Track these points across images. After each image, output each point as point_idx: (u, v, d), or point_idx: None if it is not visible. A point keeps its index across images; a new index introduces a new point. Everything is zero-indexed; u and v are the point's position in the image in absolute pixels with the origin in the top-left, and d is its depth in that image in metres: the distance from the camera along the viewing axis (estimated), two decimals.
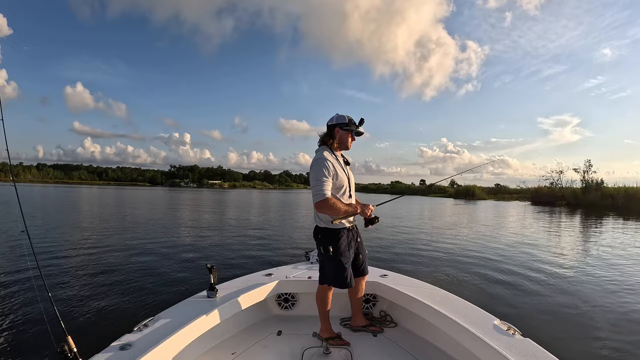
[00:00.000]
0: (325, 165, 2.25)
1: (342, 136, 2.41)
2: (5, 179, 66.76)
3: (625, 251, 9.71)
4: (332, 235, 2.34)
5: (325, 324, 2.44)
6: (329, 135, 2.42)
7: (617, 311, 4.81)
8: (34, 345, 3.40)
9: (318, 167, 2.26)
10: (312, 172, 2.28)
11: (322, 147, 2.42)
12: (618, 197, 36.64)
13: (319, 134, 2.48)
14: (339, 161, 2.39)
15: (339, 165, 2.34)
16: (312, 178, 2.26)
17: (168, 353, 1.83)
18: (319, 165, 2.26)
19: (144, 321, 2.01)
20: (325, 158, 2.29)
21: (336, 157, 2.38)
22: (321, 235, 2.37)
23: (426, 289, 2.66)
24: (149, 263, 6.94)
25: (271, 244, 9.65)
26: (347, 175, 2.40)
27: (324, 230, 2.36)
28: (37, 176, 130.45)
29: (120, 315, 4.25)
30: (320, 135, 2.47)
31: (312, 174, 2.28)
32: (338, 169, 2.31)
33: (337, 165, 2.32)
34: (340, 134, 2.40)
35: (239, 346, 2.37)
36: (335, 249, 2.32)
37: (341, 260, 2.33)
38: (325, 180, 2.23)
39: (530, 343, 1.79)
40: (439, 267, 7.34)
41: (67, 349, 1.69)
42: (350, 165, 2.50)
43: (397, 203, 27.98)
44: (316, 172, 2.25)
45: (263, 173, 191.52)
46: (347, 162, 2.48)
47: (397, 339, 2.49)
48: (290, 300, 2.94)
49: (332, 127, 2.41)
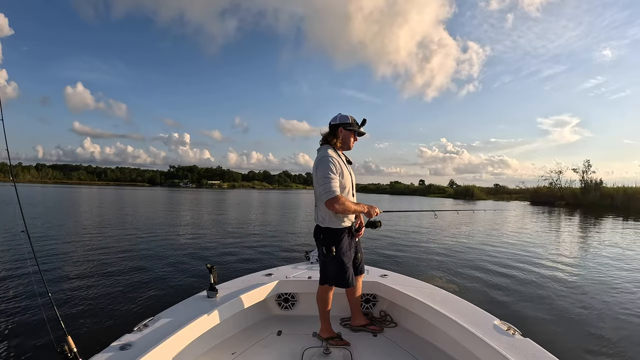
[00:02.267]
0: (332, 162, 2.24)
1: (345, 136, 2.41)
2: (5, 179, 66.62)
3: (624, 251, 9.72)
4: (335, 235, 2.33)
5: (325, 324, 2.44)
6: (332, 135, 2.41)
7: (617, 311, 4.81)
8: (34, 345, 3.39)
9: (325, 165, 2.24)
10: (320, 170, 2.26)
11: (325, 145, 2.41)
12: (617, 197, 36.71)
13: (322, 133, 2.47)
14: (343, 160, 2.39)
15: (343, 165, 2.35)
16: (320, 176, 2.24)
17: (168, 353, 1.83)
18: (326, 163, 2.24)
19: (144, 321, 2.01)
20: (331, 156, 2.28)
21: (339, 156, 2.39)
22: (323, 236, 2.36)
23: (426, 289, 2.66)
24: (148, 263, 6.93)
25: (271, 244, 9.65)
26: (350, 175, 2.41)
27: (326, 230, 2.34)
28: (36, 176, 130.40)
29: (120, 315, 4.25)
30: (322, 134, 2.47)
31: (319, 171, 2.26)
32: (343, 168, 2.32)
33: (342, 164, 2.33)
34: (344, 133, 2.40)
35: (239, 346, 2.37)
36: (337, 249, 2.32)
37: (343, 260, 2.33)
38: (333, 177, 2.22)
39: (530, 343, 1.79)
40: (439, 267, 7.34)
41: (67, 349, 1.69)
42: (351, 165, 2.50)
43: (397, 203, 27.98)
44: (324, 170, 2.23)
45: (262, 173, 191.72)
46: (349, 161, 2.49)
47: (397, 339, 2.49)
48: (290, 300, 2.94)
49: (335, 126, 2.40)
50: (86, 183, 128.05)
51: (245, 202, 34.75)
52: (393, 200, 49.44)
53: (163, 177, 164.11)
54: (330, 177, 2.20)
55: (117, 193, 48.65)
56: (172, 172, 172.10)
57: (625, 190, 38.00)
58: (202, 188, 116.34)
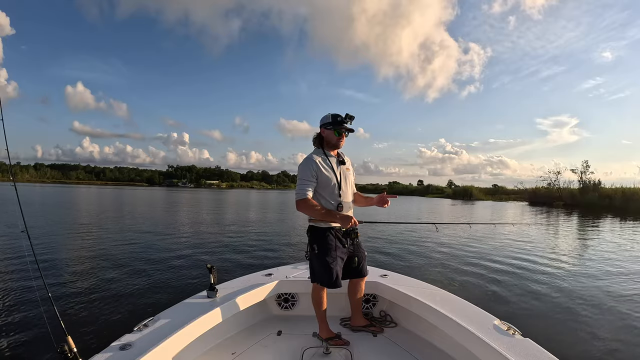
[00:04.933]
0: (308, 166, 2.33)
1: (327, 136, 2.43)
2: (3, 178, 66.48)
3: (624, 251, 9.75)
4: (318, 233, 2.37)
5: (323, 324, 2.42)
6: (319, 136, 2.48)
7: (617, 311, 4.82)
8: (34, 345, 3.38)
9: (301, 168, 2.36)
10: (298, 172, 2.39)
11: (316, 148, 2.48)
12: (615, 198, 36.75)
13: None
14: (328, 161, 2.40)
15: (327, 165, 2.37)
16: (297, 177, 2.38)
17: (168, 353, 1.83)
18: (303, 166, 2.36)
19: (144, 321, 2.01)
20: (311, 159, 2.37)
21: (327, 157, 2.41)
22: (309, 233, 2.43)
23: (426, 289, 2.67)
24: (148, 263, 6.92)
25: (271, 244, 9.64)
26: (339, 175, 2.40)
27: (311, 227, 2.41)
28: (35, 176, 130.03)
29: (120, 315, 4.24)
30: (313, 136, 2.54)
31: (298, 173, 2.40)
32: (323, 169, 2.35)
33: (324, 165, 2.36)
34: (326, 133, 2.43)
35: (239, 346, 2.37)
36: (320, 247, 2.34)
37: (326, 259, 2.31)
38: (306, 180, 2.30)
39: (530, 343, 1.79)
40: (439, 267, 7.35)
41: (67, 349, 1.69)
42: (346, 165, 2.49)
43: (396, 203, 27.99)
44: (299, 173, 2.36)
45: (261, 173, 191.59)
46: (342, 161, 2.48)
47: (397, 339, 2.49)
48: (290, 300, 2.94)
49: (320, 128, 2.47)
50: (84, 183, 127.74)
51: (245, 202, 34.72)
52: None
53: (161, 177, 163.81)
54: (303, 180, 2.31)
55: (116, 193, 48.52)
56: (170, 172, 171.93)
57: (624, 190, 38.04)
58: (200, 188, 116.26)
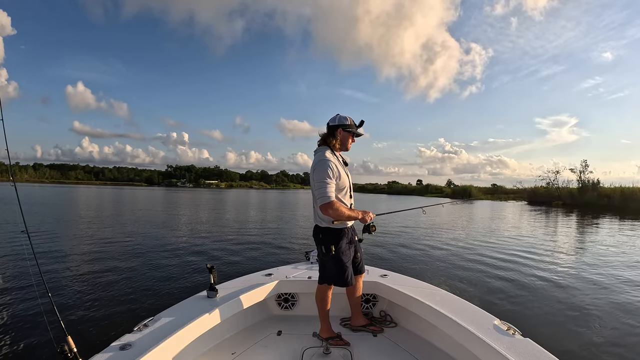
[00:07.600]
0: (329, 167, 2.24)
1: (344, 137, 2.41)
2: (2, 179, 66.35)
3: (623, 251, 9.76)
4: (334, 234, 2.35)
5: (325, 324, 2.44)
6: (331, 136, 2.40)
7: (617, 311, 4.83)
8: (34, 345, 3.38)
9: (322, 169, 2.24)
10: (317, 173, 2.26)
11: (322, 147, 2.41)
12: (614, 197, 36.78)
13: (320, 134, 2.47)
14: (340, 162, 2.40)
15: (340, 167, 2.35)
16: (317, 179, 2.25)
17: (168, 353, 1.83)
18: (324, 167, 2.24)
19: (144, 321, 2.01)
20: (328, 159, 2.28)
21: (337, 158, 2.39)
22: (322, 235, 2.37)
23: (426, 289, 2.67)
24: (148, 263, 6.92)
25: (271, 244, 9.64)
26: (347, 176, 2.41)
27: (325, 230, 2.36)
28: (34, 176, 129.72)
29: (120, 315, 4.24)
30: (320, 135, 2.46)
31: (316, 175, 2.26)
32: (340, 170, 2.32)
33: (339, 166, 2.33)
34: (343, 135, 2.40)
35: (239, 346, 2.37)
36: (337, 248, 2.33)
37: (342, 259, 2.35)
38: (329, 181, 2.22)
39: (530, 343, 1.80)
40: (439, 267, 7.36)
41: (67, 349, 1.69)
42: (348, 166, 2.50)
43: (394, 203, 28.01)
44: (320, 174, 2.24)
45: (260, 173, 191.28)
46: (345, 162, 2.50)
47: (397, 339, 2.49)
48: (290, 300, 2.95)
49: (334, 127, 2.40)
50: (84, 183, 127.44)
51: (244, 202, 34.69)
52: (390, 200, 49.45)
53: (161, 176, 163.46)
54: (326, 182, 2.21)
55: (115, 193, 48.47)
56: (169, 171, 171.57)
57: (623, 190, 38.04)
58: (199, 188, 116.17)
